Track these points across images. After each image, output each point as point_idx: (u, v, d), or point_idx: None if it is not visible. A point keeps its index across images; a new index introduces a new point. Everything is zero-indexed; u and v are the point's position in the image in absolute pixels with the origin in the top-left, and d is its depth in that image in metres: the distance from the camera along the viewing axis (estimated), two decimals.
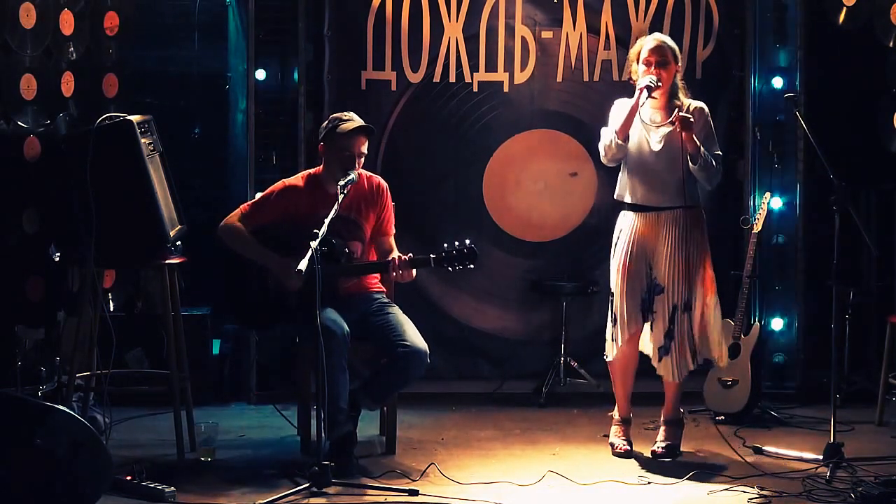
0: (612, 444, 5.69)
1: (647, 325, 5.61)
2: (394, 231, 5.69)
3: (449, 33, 6.81)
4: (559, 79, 6.88)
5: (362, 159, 5.52)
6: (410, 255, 5.42)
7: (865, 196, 6.95)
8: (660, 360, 5.58)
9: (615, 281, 5.61)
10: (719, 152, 5.58)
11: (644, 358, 5.69)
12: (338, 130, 5.48)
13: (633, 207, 5.58)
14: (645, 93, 5.43)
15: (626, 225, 5.60)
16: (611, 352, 5.65)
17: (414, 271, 5.43)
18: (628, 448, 5.64)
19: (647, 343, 5.65)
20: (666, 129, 5.52)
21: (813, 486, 5.09)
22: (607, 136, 5.55)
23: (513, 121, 6.90)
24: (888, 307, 6.66)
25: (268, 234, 5.53)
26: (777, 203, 6.80)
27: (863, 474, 5.18)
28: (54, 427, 4.48)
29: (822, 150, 5.43)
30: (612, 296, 5.63)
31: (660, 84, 5.46)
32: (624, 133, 5.49)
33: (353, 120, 5.53)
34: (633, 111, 5.47)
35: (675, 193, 5.53)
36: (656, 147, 5.53)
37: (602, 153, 5.60)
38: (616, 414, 5.75)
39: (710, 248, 5.63)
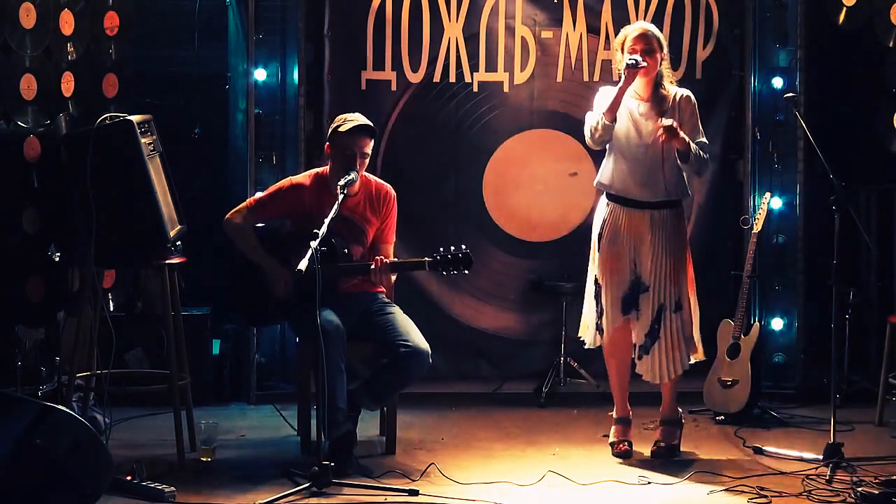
0: (611, 444, 5.70)
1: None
2: (394, 240, 5.69)
3: (449, 33, 6.81)
4: (559, 79, 6.89)
5: (366, 160, 5.52)
6: (395, 259, 5.43)
7: (865, 196, 6.95)
8: (639, 358, 5.59)
9: (599, 272, 5.60)
10: (705, 140, 5.57)
11: None
12: (340, 129, 5.49)
13: (620, 200, 5.56)
14: (628, 70, 5.39)
15: (612, 216, 5.58)
16: (590, 340, 5.70)
17: (392, 276, 5.45)
18: (627, 448, 5.64)
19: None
20: (658, 121, 5.49)
21: (813, 486, 5.09)
22: (593, 117, 5.50)
23: (513, 121, 6.90)
24: (888, 307, 6.67)
25: (271, 230, 5.54)
26: (777, 203, 6.79)
27: (863, 474, 5.18)
28: (54, 427, 4.48)
29: (822, 150, 5.43)
30: (597, 286, 5.62)
31: (644, 64, 5.43)
32: (611, 114, 5.43)
33: (355, 120, 5.53)
34: (621, 92, 5.43)
35: (669, 188, 5.53)
36: (647, 140, 5.51)
37: (588, 135, 5.54)
38: (615, 414, 5.76)
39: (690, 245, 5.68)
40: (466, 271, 5.33)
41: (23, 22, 5.50)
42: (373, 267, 5.36)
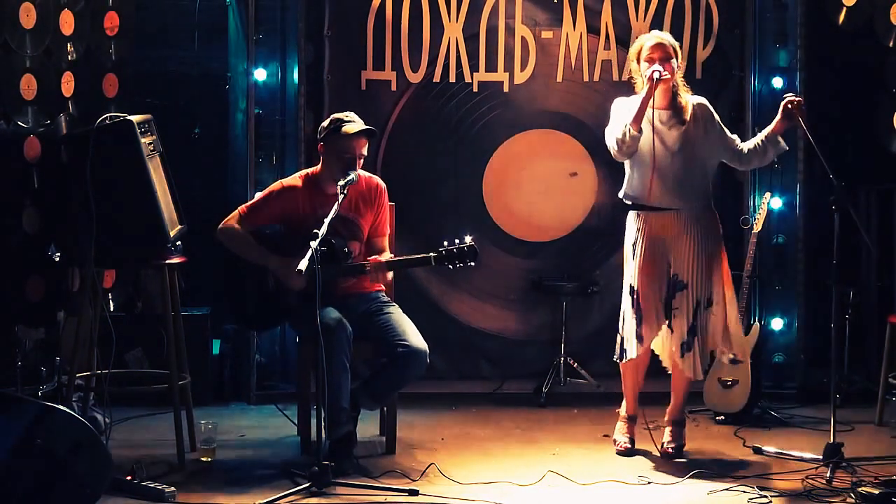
0: (614, 441, 5.71)
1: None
2: (388, 232, 5.69)
3: (449, 33, 6.81)
4: (559, 79, 6.89)
5: (362, 160, 5.52)
6: (390, 257, 5.45)
7: (865, 196, 6.95)
8: (682, 356, 5.55)
9: (637, 281, 5.53)
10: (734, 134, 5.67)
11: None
12: (340, 132, 5.47)
13: (650, 209, 5.54)
14: (654, 80, 5.38)
15: (643, 224, 5.54)
16: (629, 352, 5.56)
17: (390, 274, 5.44)
18: (629, 446, 5.65)
19: (656, 342, 5.64)
20: (679, 130, 5.51)
21: (813, 486, 5.09)
22: (619, 129, 5.44)
23: (513, 121, 6.90)
24: (888, 307, 6.66)
25: (266, 234, 5.53)
26: (777, 203, 6.80)
27: (863, 474, 5.18)
28: (54, 427, 4.48)
29: (822, 150, 5.43)
30: (633, 294, 5.55)
31: (668, 75, 5.43)
32: (638, 125, 5.40)
33: (355, 122, 5.52)
34: (645, 103, 5.40)
35: (694, 194, 5.54)
36: (673, 148, 5.50)
37: (615, 148, 5.47)
38: (623, 411, 5.77)
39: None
40: (473, 263, 5.31)
41: (23, 22, 5.50)
42: (368, 268, 5.35)
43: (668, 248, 5.53)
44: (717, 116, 5.62)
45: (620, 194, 5.67)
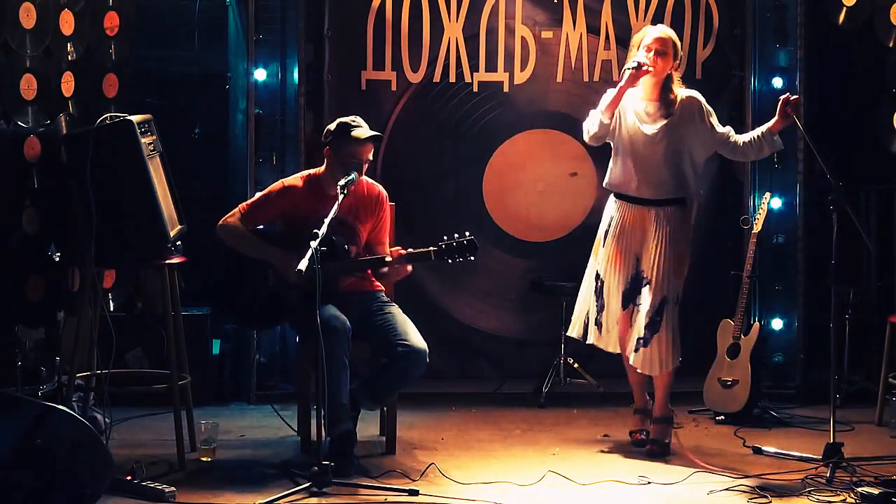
0: (630, 434, 5.80)
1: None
2: (388, 240, 5.68)
3: (449, 33, 6.81)
4: (559, 79, 6.90)
5: (367, 165, 5.52)
6: (410, 249, 5.42)
7: (865, 196, 6.95)
8: (636, 350, 5.60)
9: (603, 268, 5.65)
10: (727, 128, 5.66)
11: None
12: (349, 137, 5.45)
13: (627, 198, 5.62)
14: (631, 70, 5.44)
15: (618, 213, 5.65)
16: (578, 333, 5.78)
17: (409, 267, 5.44)
18: (642, 437, 5.71)
19: (613, 339, 5.69)
20: (663, 122, 5.54)
21: (813, 486, 5.09)
22: (593, 115, 5.58)
23: (513, 121, 6.91)
24: (888, 307, 6.66)
25: (266, 233, 5.53)
26: (777, 203, 6.79)
27: (863, 474, 5.18)
28: (54, 427, 4.48)
29: (822, 150, 5.43)
30: (599, 282, 5.68)
31: (650, 68, 5.47)
32: (610, 112, 5.51)
33: (363, 127, 5.50)
34: (621, 92, 5.49)
35: (674, 186, 5.60)
36: (654, 140, 5.55)
37: (585, 131, 5.62)
38: (635, 405, 5.83)
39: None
40: (472, 258, 5.32)
41: (23, 22, 5.50)
42: (388, 259, 5.36)
43: (637, 243, 5.60)
44: (707, 109, 5.63)
45: (604, 184, 5.73)
